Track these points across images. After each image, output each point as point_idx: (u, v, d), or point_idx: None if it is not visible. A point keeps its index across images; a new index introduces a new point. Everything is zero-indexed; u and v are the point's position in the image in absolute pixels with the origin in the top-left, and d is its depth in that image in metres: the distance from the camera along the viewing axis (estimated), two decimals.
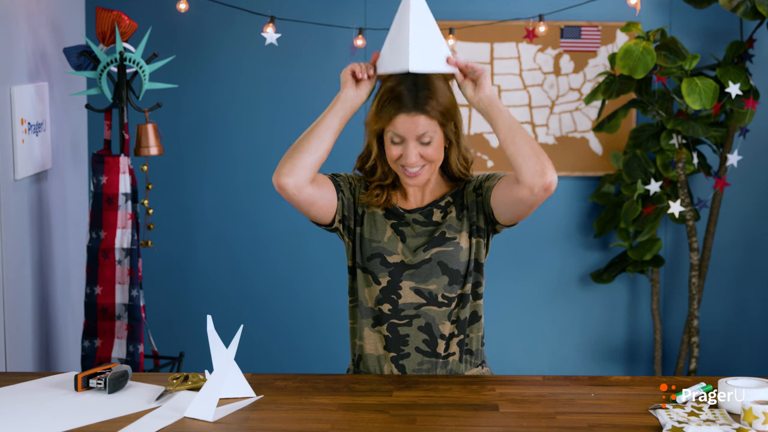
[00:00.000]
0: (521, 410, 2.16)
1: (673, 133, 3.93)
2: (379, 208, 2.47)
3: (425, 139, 2.37)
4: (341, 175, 2.50)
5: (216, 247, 4.34)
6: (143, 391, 2.26)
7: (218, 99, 4.28)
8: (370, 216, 2.47)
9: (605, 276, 4.21)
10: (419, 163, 2.37)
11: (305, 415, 2.12)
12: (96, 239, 3.49)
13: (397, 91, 2.37)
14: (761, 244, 4.33)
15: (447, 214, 2.45)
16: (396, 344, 2.43)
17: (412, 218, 2.45)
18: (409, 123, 2.35)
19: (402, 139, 2.37)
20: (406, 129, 2.36)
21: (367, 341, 2.46)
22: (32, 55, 3.57)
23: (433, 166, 2.41)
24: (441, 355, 2.42)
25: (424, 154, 2.37)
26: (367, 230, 2.45)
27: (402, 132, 2.36)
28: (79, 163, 4.08)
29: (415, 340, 2.42)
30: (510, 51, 4.23)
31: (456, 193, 2.48)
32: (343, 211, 2.46)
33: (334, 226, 2.46)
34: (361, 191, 2.49)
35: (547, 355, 4.35)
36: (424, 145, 2.37)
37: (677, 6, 4.17)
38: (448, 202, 2.47)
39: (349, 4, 4.20)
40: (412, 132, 2.36)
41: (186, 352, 3.92)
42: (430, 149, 2.37)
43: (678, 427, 1.99)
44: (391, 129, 2.37)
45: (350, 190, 2.48)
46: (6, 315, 3.32)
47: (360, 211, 2.48)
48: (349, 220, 2.47)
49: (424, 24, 2.39)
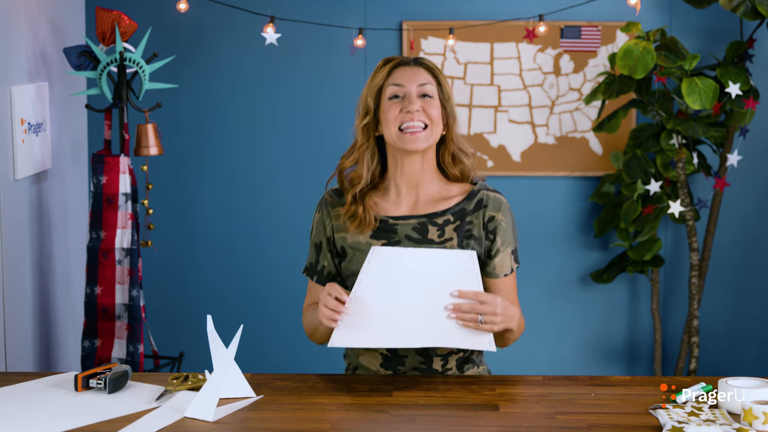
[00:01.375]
0: (521, 410, 2.16)
1: (673, 133, 3.93)
2: (361, 235, 2.37)
3: (426, 91, 2.33)
4: (312, 246, 2.46)
5: (216, 247, 4.34)
6: (143, 391, 2.26)
7: (218, 99, 4.28)
8: (352, 249, 2.38)
9: (605, 276, 4.21)
10: (421, 116, 2.31)
11: (305, 415, 2.12)
12: (96, 239, 3.49)
13: (392, 57, 2.39)
14: (761, 244, 4.33)
15: (444, 235, 2.36)
16: (393, 363, 2.40)
17: (404, 234, 2.36)
18: (409, 72, 2.34)
19: (402, 93, 2.33)
20: (406, 78, 2.33)
21: (363, 357, 2.44)
22: (32, 55, 3.57)
23: (434, 131, 2.33)
24: (438, 371, 2.41)
25: (425, 109, 2.32)
26: (356, 264, 2.35)
27: (402, 81, 2.33)
28: (79, 163, 4.08)
29: (413, 361, 2.40)
30: (510, 51, 4.23)
31: (459, 214, 2.38)
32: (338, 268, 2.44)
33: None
34: (337, 218, 2.41)
35: (547, 355, 4.35)
36: (426, 100, 2.32)
37: (677, 6, 4.17)
38: (448, 221, 2.37)
39: (349, 4, 4.20)
40: (413, 80, 2.33)
41: (186, 352, 3.92)
42: (431, 107, 2.32)
43: (678, 427, 1.99)
44: (391, 82, 2.34)
45: (324, 243, 2.43)
46: (6, 315, 3.32)
47: (340, 247, 2.41)
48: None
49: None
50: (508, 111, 4.26)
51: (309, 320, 2.41)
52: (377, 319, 2.24)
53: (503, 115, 4.26)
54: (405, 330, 2.24)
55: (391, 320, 2.24)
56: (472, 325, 2.22)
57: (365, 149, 2.38)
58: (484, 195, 2.39)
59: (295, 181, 4.29)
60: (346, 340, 2.25)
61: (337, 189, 2.45)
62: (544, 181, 4.30)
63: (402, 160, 2.37)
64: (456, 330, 2.23)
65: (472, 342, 2.24)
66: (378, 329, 2.24)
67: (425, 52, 4.20)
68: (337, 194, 2.44)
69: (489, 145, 4.27)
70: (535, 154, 4.27)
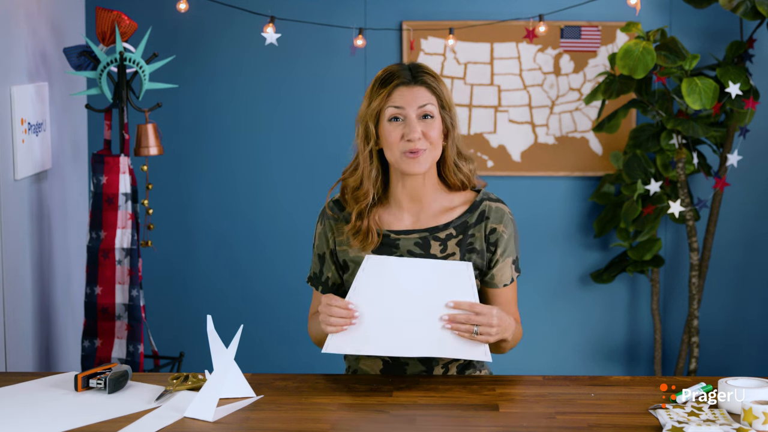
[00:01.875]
0: (521, 410, 2.16)
1: (673, 133, 3.93)
2: (364, 250, 2.36)
3: (426, 111, 2.30)
4: (315, 257, 2.45)
5: (216, 247, 4.34)
6: (143, 391, 2.26)
7: (218, 99, 4.28)
8: (353, 264, 2.37)
9: (605, 276, 4.21)
10: (422, 144, 2.28)
11: (305, 415, 2.12)
12: (96, 239, 3.49)
13: (389, 70, 2.33)
14: (761, 244, 4.33)
15: (447, 250, 2.35)
16: (394, 371, 2.40)
17: (406, 249, 2.35)
18: (408, 93, 2.30)
19: (402, 115, 2.29)
20: (405, 100, 2.29)
21: (364, 363, 2.44)
22: (32, 55, 3.57)
23: (434, 152, 2.31)
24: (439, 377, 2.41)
25: (426, 133, 2.29)
26: (351, 279, 2.35)
27: (402, 103, 2.29)
28: (79, 163, 4.08)
29: (414, 369, 2.40)
30: (510, 51, 4.23)
31: (462, 227, 2.37)
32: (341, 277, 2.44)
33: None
34: (340, 230, 2.40)
35: (547, 355, 4.35)
36: (426, 122, 2.30)
37: (677, 6, 4.17)
38: (450, 235, 2.36)
39: (349, 4, 4.20)
40: (413, 102, 2.29)
41: (186, 352, 3.92)
42: (431, 129, 2.29)
43: (678, 427, 1.99)
44: (390, 104, 2.30)
45: (327, 255, 2.42)
46: (6, 315, 3.32)
47: (342, 260, 2.40)
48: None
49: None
50: (508, 111, 4.26)
51: (315, 330, 2.41)
52: (372, 326, 2.24)
53: (503, 115, 4.26)
54: (400, 339, 2.24)
55: (387, 328, 2.24)
56: (467, 335, 2.22)
57: (370, 170, 2.36)
58: (486, 206, 2.38)
59: (294, 181, 4.29)
60: (341, 347, 2.25)
61: (337, 200, 2.43)
62: (544, 181, 4.30)
63: (404, 177, 2.36)
64: (451, 340, 2.23)
65: (467, 352, 2.24)
66: (373, 337, 2.24)
67: (425, 52, 4.20)
68: (338, 206, 2.42)
69: (489, 145, 4.26)
70: (535, 154, 4.27)
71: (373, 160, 2.35)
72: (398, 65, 2.36)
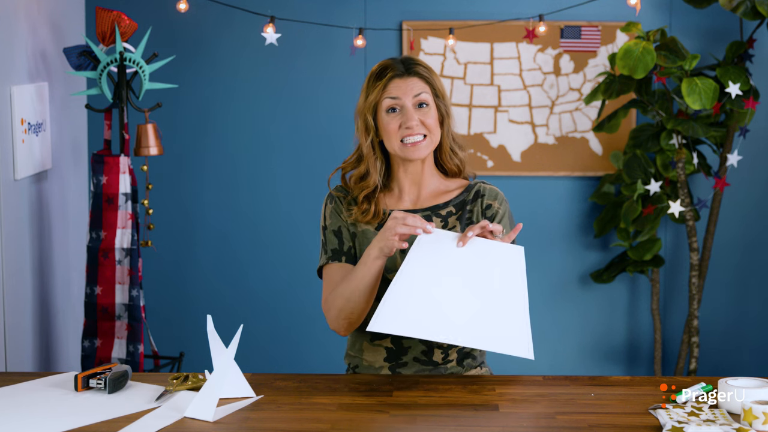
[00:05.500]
0: (521, 410, 2.16)
1: (673, 133, 3.93)
2: (369, 225, 2.45)
3: (421, 100, 2.39)
4: (330, 234, 2.45)
5: (216, 247, 4.34)
6: (143, 391, 2.26)
7: (218, 99, 4.28)
8: (362, 235, 2.45)
9: (605, 276, 4.21)
10: (420, 129, 2.38)
11: (305, 415, 2.12)
12: (96, 239, 3.49)
13: (383, 64, 2.43)
14: (761, 244, 4.33)
15: (447, 225, 2.44)
16: (397, 355, 2.43)
17: None
18: (404, 84, 2.39)
19: (399, 105, 2.38)
20: (401, 90, 2.38)
21: (366, 353, 2.46)
22: (32, 55, 3.57)
23: (432, 139, 2.41)
24: (438, 363, 2.43)
25: (423, 121, 2.38)
26: (361, 251, 2.43)
27: (398, 93, 2.38)
28: (79, 163, 4.08)
29: (415, 351, 2.43)
30: (510, 51, 4.23)
31: (460, 205, 2.47)
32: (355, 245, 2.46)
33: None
34: (348, 209, 2.47)
35: (547, 355, 4.35)
36: (422, 110, 2.39)
37: (677, 6, 4.17)
38: (450, 212, 2.46)
39: (349, 4, 4.20)
40: (408, 92, 2.39)
41: (186, 352, 3.92)
42: (428, 117, 2.39)
43: (678, 427, 1.99)
44: (387, 95, 2.39)
45: (343, 227, 2.45)
46: (6, 315, 3.32)
47: (351, 231, 2.47)
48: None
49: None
50: (508, 111, 4.26)
51: (342, 290, 2.34)
52: (421, 308, 2.20)
53: (503, 115, 4.26)
54: (446, 324, 2.20)
55: (434, 312, 2.21)
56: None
57: (374, 160, 2.45)
58: (480, 187, 2.50)
59: (294, 181, 4.29)
60: (389, 326, 2.18)
61: (340, 186, 2.53)
62: (544, 181, 4.30)
63: (405, 163, 2.47)
64: (497, 333, 2.21)
65: (510, 347, 2.22)
66: (420, 319, 2.19)
67: (425, 52, 4.20)
68: (343, 192, 2.51)
69: (489, 145, 4.27)
70: (535, 154, 4.27)
71: (376, 151, 2.45)
72: (391, 59, 2.46)
